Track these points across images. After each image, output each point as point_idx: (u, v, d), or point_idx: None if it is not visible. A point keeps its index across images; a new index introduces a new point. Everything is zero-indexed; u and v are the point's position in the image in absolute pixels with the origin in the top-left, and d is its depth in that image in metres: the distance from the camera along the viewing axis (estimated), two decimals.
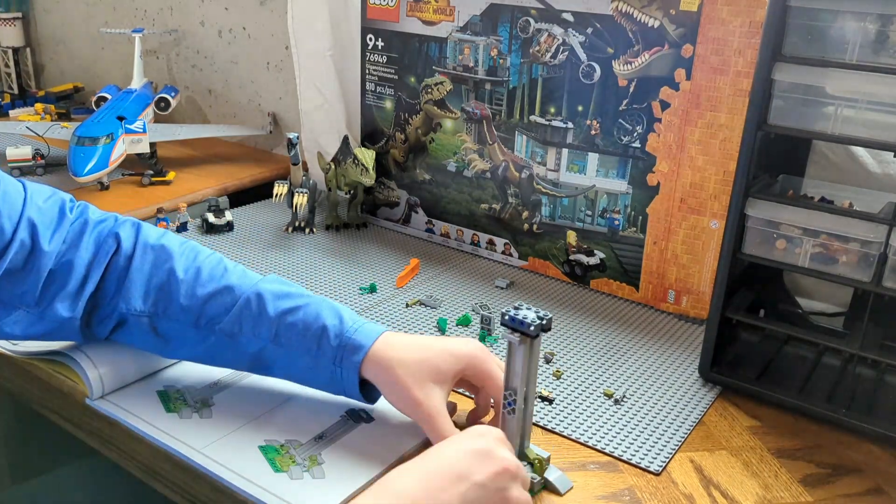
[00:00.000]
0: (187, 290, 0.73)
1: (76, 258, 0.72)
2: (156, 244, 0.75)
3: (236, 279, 0.74)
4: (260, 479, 0.66)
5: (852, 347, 0.79)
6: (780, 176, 0.87)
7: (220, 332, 0.72)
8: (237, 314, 0.72)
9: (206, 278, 0.73)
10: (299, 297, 0.73)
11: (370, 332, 0.71)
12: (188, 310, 0.72)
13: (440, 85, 1.17)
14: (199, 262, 0.75)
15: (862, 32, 0.70)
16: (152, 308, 0.73)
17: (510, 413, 0.66)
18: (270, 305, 0.71)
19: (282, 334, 0.71)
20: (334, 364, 0.70)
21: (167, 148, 1.53)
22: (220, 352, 0.73)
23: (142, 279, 0.73)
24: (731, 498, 0.69)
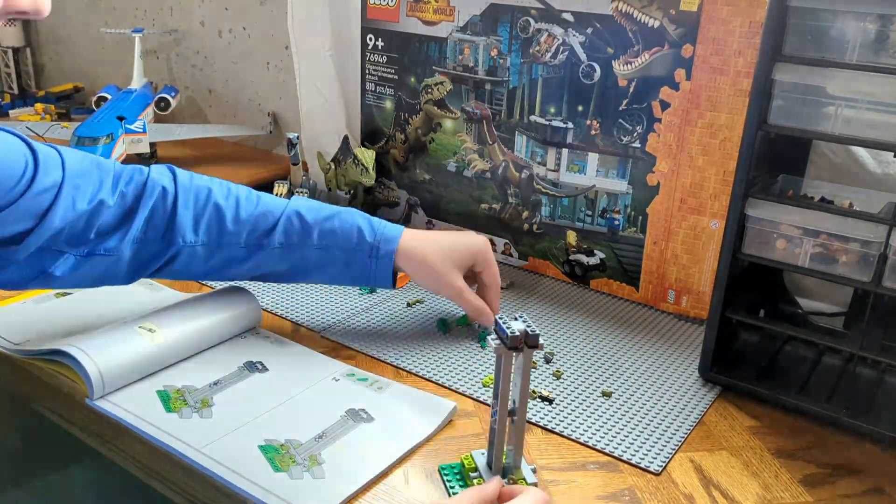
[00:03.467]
0: (232, 217, 0.83)
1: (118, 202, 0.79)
2: (192, 185, 0.84)
3: (272, 203, 0.86)
4: (260, 478, 0.66)
5: (852, 347, 0.79)
6: (780, 176, 0.87)
7: (268, 245, 0.84)
8: (283, 229, 0.84)
9: (245, 204, 0.84)
10: (329, 208, 0.87)
11: (395, 228, 0.87)
12: (236, 233, 0.83)
13: (440, 85, 1.17)
14: (236, 192, 0.85)
15: (862, 32, 0.70)
16: (205, 237, 0.83)
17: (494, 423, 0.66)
18: (309, 217, 0.85)
19: (323, 237, 0.85)
20: (370, 257, 0.85)
21: (167, 148, 1.53)
22: (266, 263, 0.85)
23: (188, 215, 0.82)
24: (731, 498, 0.69)
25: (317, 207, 0.86)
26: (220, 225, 0.83)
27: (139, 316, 0.83)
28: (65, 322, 0.86)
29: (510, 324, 0.62)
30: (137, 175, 0.82)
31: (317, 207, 0.86)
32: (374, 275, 0.86)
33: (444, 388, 0.82)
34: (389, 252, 0.85)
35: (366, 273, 0.86)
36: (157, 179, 0.82)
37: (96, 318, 0.85)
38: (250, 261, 0.84)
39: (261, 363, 0.84)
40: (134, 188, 0.80)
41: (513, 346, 0.62)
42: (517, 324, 0.62)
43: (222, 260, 0.84)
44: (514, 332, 0.61)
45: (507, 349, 0.62)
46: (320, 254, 0.85)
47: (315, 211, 0.85)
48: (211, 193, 0.83)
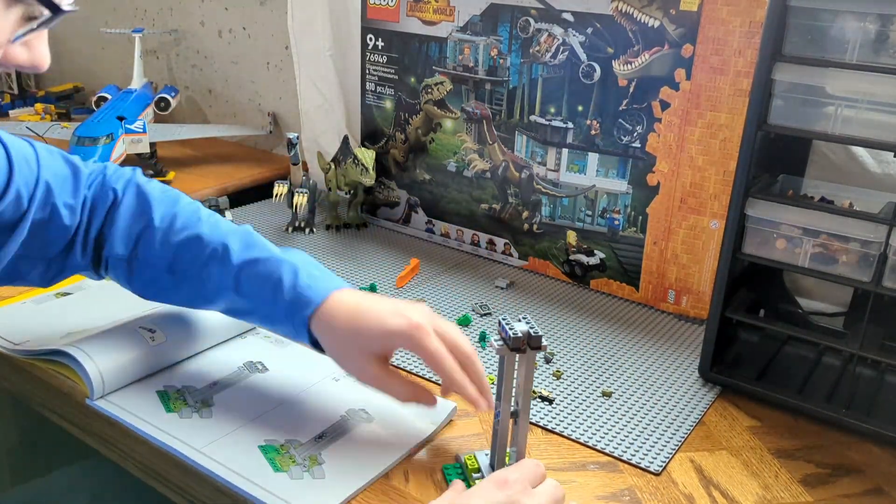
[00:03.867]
0: (162, 238, 0.76)
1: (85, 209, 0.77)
2: (140, 191, 0.79)
3: (207, 229, 0.76)
4: (260, 478, 0.66)
5: (852, 347, 0.79)
6: (780, 176, 0.87)
7: (193, 277, 0.75)
8: (204, 262, 0.75)
9: (180, 226, 0.76)
10: (263, 250, 0.75)
11: (323, 288, 0.72)
12: (161, 256, 0.76)
13: (440, 85, 1.17)
14: (176, 211, 0.78)
15: (862, 32, 0.70)
16: (132, 253, 0.77)
17: (497, 424, 0.66)
18: (235, 256, 0.74)
19: (243, 284, 0.73)
20: (286, 317, 0.72)
21: (167, 148, 1.53)
22: (193, 297, 0.77)
23: (124, 226, 0.77)
24: (731, 498, 0.69)
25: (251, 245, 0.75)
26: (148, 243, 0.76)
27: (139, 316, 0.83)
28: (65, 322, 0.86)
29: (513, 325, 0.62)
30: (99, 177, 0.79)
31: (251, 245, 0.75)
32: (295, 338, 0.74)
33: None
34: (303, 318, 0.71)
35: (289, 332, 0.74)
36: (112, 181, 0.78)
37: (96, 319, 0.85)
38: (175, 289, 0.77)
39: (261, 363, 0.84)
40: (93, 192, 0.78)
41: (515, 347, 0.62)
42: (520, 325, 0.62)
43: (147, 280, 0.78)
44: (517, 333, 0.61)
45: (510, 350, 0.62)
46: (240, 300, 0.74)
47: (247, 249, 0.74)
48: (150, 206, 0.77)
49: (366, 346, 0.69)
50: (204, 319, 0.85)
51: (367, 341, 0.69)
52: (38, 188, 0.73)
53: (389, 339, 0.69)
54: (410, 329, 0.68)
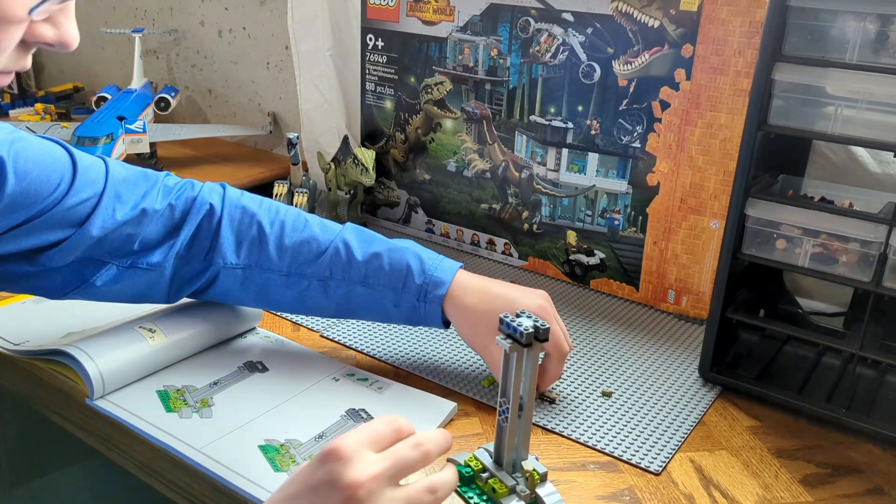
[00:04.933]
0: (276, 242, 0.79)
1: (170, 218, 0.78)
2: (239, 204, 0.81)
3: (319, 230, 0.81)
4: (260, 478, 0.66)
5: (852, 347, 0.79)
6: (780, 176, 0.87)
7: (312, 277, 0.79)
8: (328, 261, 0.79)
9: (290, 230, 0.80)
10: (381, 242, 0.81)
11: (448, 270, 0.79)
12: (278, 260, 0.79)
13: (440, 85, 1.17)
14: (283, 216, 0.81)
15: (862, 32, 0.70)
16: (246, 260, 0.79)
17: (504, 421, 0.65)
18: (358, 251, 0.79)
19: (370, 276, 0.79)
20: (418, 300, 0.78)
21: (167, 148, 1.53)
22: (309, 296, 0.80)
23: (232, 235, 0.79)
24: (731, 498, 0.69)
25: (368, 240, 0.81)
26: (261, 250, 0.79)
27: (139, 316, 0.83)
28: (65, 322, 0.86)
29: (519, 321, 0.62)
30: (189, 189, 0.80)
31: (368, 240, 0.81)
32: (424, 317, 0.80)
33: (444, 388, 0.82)
34: (438, 297, 0.78)
35: (416, 315, 0.80)
36: (207, 196, 0.79)
37: (96, 319, 0.85)
38: (292, 290, 0.80)
39: (261, 363, 0.84)
40: (183, 202, 0.78)
41: (527, 343, 0.61)
42: (525, 320, 0.62)
43: (263, 287, 0.80)
44: (527, 328, 0.61)
45: (522, 347, 0.62)
46: (367, 292, 0.79)
47: (366, 244, 0.80)
48: (256, 215, 0.80)
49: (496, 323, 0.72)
50: (204, 319, 0.85)
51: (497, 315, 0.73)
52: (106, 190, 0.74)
53: None
54: (543, 307, 0.78)
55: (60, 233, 0.72)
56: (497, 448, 0.67)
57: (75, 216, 0.72)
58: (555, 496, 0.65)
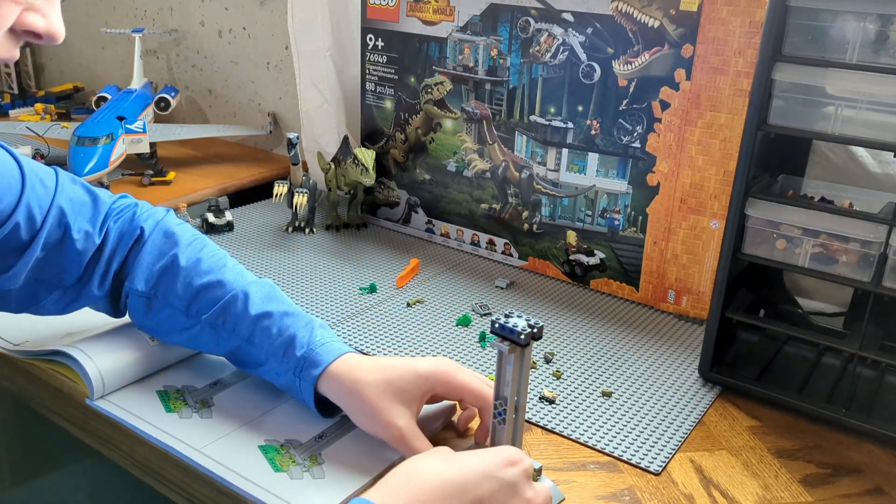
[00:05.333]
0: (185, 279, 0.76)
1: (107, 241, 0.77)
2: (168, 231, 0.79)
3: (231, 276, 0.77)
4: (260, 478, 0.66)
5: (852, 347, 0.79)
6: (780, 176, 0.87)
7: (206, 322, 0.75)
8: (222, 308, 0.74)
9: (205, 270, 0.77)
10: (283, 304, 0.75)
11: (333, 349, 0.72)
12: (181, 297, 0.76)
13: (440, 85, 1.17)
14: (202, 255, 0.78)
15: (862, 32, 0.70)
16: (152, 290, 0.77)
17: (500, 423, 0.65)
18: (253, 306, 0.74)
19: (255, 335, 0.73)
20: (294, 374, 0.72)
21: (167, 148, 1.53)
22: (202, 341, 0.77)
23: (149, 262, 0.77)
24: (731, 498, 0.69)
25: (270, 298, 0.75)
26: (170, 283, 0.76)
27: None
28: (65, 322, 0.86)
29: (513, 321, 0.62)
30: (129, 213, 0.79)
31: (270, 298, 0.75)
32: (300, 395, 0.72)
33: None
34: (312, 376, 0.70)
35: (293, 390, 0.73)
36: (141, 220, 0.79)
37: (96, 319, 0.85)
38: (188, 331, 0.76)
39: None
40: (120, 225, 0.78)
41: (526, 343, 0.61)
42: (518, 320, 0.62)
43: (163, 319, 0.77)
44: (524, 329, 0.61)
45: (522, 346, 0.62)
46: (252, 351, 0.74)
47: (265, 301, 0.74)
48: (178, 245, 0.77)
49: (401, 389, 0.68)
50: None
51: (404, 383, 0.68)
52: (52, 209, 0.73)
53: (421, 381, 0.69)
54: (447, 364, 0.71)
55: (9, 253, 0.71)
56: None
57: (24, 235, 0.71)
58: (555, 490, 0.66)
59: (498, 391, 0.65)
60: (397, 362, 0.71)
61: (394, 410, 0.67)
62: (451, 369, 0.70)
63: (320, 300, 1.01)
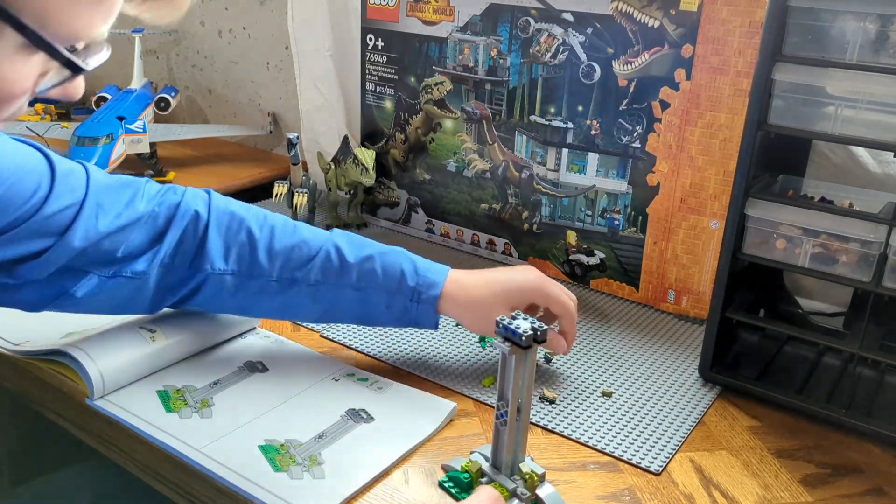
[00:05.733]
0: (266, 246, 0.78)
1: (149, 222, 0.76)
2: (227, 210, 0.80)
3: (309, 234, 0.80)
4: (260, 478, 0.66)
5: (852, 347, 0.79)
6: (780, 176, 0.87)
7: (303, 282, 0.78)
8: (320, 265, 0.78)
9: (280, 234, 0.79)
10: (371, 245, 0.81)
11: (439, 271, 0.81)
12: (268, 265, 0.78)
13: (440, 85, 1.17)
14: (272, 221, 0.80)
15: (862, 32, 0.70)
16: (235, 266, 0.78)
17: (502, 424, 0.65)
18: (349, 255, 0.79)
19: (362, 279, 0.79)
20: (410, 301, 0.79)
21: (167, 148, 1.53)
22: (298, 301, 0.79)
23: (220, 241, 0.78)
24: (731, 498, 0.69)
25: (358, 244, 0.81)
26: (251, 255, 0.78)
27: (140, 316, 0.83)
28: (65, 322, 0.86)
29: (516, 324, 0.62)
30: (171, 195, 0.78)
31: (358, 244, 0.81)
32: (416, 318, 0.80)
33: (443, 388, 0.82)
34: (432, 297, 0.79)
35: (407, 316, 0.80)
36: (191, 202, 0.78)
37: (97, 319, 0.85)
38: (281, 296, 0.79)
39: (261, 363, 0.84)
40: (166, 209, 0.77)
41: (527, 345, 0.61)
42: (522, 322, 0.62)
43: (252, 293, 0.78)
44: (527, 331, 0.61)
45: (523, 349, 0.61)
46: (358, 295, 0.79)
47: (357, 248, 0.80)
48: (244, 221, 0.79)
49: (508, 297, 0.79)
50: (204, 319, 0.85)
51: (510, 293, 0.79)
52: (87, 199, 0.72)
53: (522, 293, 0.80)
54: (539, 278, 0.82)
55: (40, 243, 0.70)
56: (494, 451, 0.67)
57: (55, 225, 0.70)
58: (555, 496, 0.65)
59: (500, 392, 0.65)
60: (498, 276, 0.82)
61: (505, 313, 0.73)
62: (543, 281, 0.81)
63: None
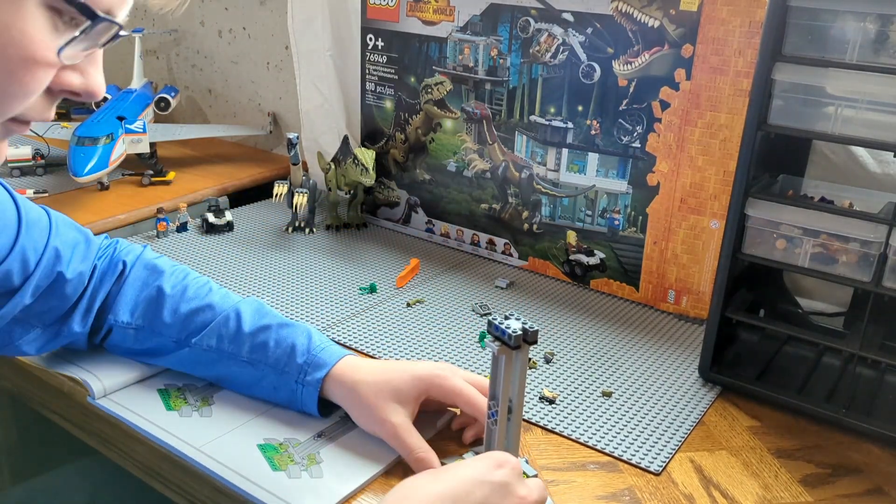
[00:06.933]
0: (172, 306, 0.77)
1: (90, 280, 0.77)
2: (149, 263, 0.80)
3: (218, 298, 0.78)
4: (258, 477, 0.66)
5: (852, 347, 0.79)
6: (780, 176, 0.87)
7: (197, 345, 0.76)
8: (215, 329, 0.75)
9: (191, 296, 0.78)
10: (274, 318, 0.76)
11: (334, 352, 0.74)
12: (170, 325, 0.76)
13: (440, 85, 1.17)
14: (187, 282, 0.79)
15: (862, 32, 0.70)
16: (139, 321, 0.77)
17: (493, 424, 0.65)
18: (247, 323, 0.75)
19: (254, 351, 0.74)
20: (296, 382, 0.73)
21: (167, 148, 1.53)
22: (193, 365, 0.77)
23: (132, 293, 0.78)
24: (731, 498, 0.69)
25: (261, 314, 0.76)
26: (156, 313, 0.77)
27: None
28: None
29: (507, 323, 0.62)
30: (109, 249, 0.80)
31: (261, 314, 0.76)
32: (301, 401, 0.73)
33: None
34: (316, 379, 0.72)
35: (293, 398, 0.74)
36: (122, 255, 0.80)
37: None
38: (176, 356, 0.77)
39: None
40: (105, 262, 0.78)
41: (516, 345, 0.61)
42: (514, 322, 0.62)
43: (150, 348, 0.78)
44: (516, 331, 0.61)
45: (511, 349, 0.62)
46: (248, 369, 0.74)
47: (258, 316, 0.76)
48: (161, 276, 0.79)
49: (396, 390, 0.70)
50: None
51: (399, 384, 0.70)
52: (46, 252, 0.72)
53: (417, 383, 0.71)
54: (443, 369, 0.72)
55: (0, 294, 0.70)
56: (487, 450, 0.67)
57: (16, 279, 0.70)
58: None
59: (491, 391, 0.65)
60: (396, 365, 0.73)
61: (389, 408, 0.69)
62: (446, 374, 0.71)
63: (320, 300, 1.01)
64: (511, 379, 0.63)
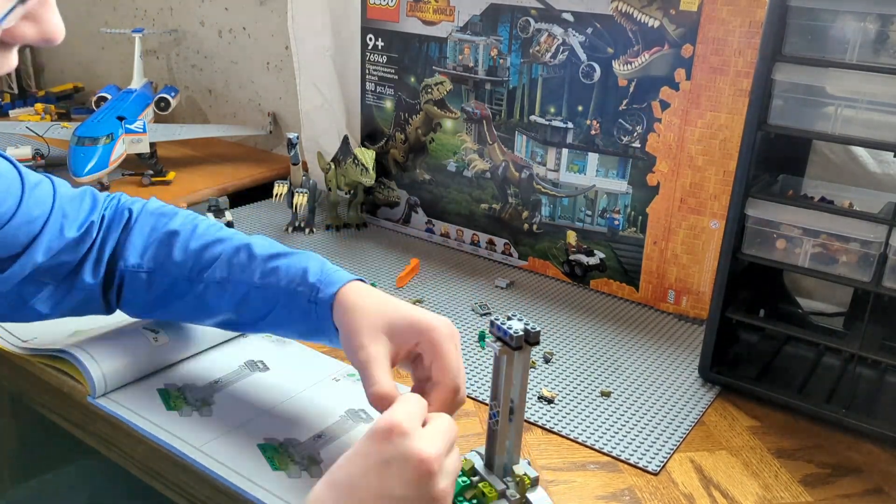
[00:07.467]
0: (182, 244, 0.76)
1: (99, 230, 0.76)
2: (157, 209, 0.79)
3: (227, 234, 0.78)
4: (258, 477, 0.66)
5: (852, 347, 0.79)
6: (780, 176, 0.87)
7: (210, 279, 0.74)
8: (226, 260, 0.75)
9: (201, 233, 0.77)
10: (286, 248, 0.76)
11: (346, 276, 0.72)
12: (181, 263, 0.75)
13: (440, 85, 1.17)
14: (197, 222, 0.79)
15: (862, 32, 0.70)
16: (150, 263, 0.76)
17: (494, 424, 0.65)
18: (258, 251, 0.74)
19: (267, 275, 0.73)
20: (309, 301, 0.70)
21: (167, 148, 1.53)
22: (206, 302, 0.75)
23: (141, 238, 0.77)
24: (731, 498, 0.69)
25: (270, 244, 0.76)
26: (167, 252, 0.76)
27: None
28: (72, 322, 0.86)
29: (509, 324, 0.62)
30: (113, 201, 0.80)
31: (270, 244, 0.76)
32: (316, 322, 0.71)
33: None
34: (329, 295, 0.69)
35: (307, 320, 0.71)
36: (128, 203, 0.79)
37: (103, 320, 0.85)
38: (190, 295, 0.75)
39: (261, 362, 0.84)
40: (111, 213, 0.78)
41: (517, 346, 0.61)
42: (516, 323, 0.62)
43: (163, 291, 0.76)
44: (517, 331, 0.61)
45: (512, 350, 0.62)
46: (262, 294, 0.73)
47: (267, 248, 0.75)
48: (170, 221, 0.78)
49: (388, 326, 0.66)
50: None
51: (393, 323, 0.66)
52: (53, 212, 0.73)
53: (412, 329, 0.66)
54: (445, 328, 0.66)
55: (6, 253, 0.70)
56: (488, 451, 0.67)
57: (22, 237, 0.71)
58: (545, 501, 0.64)
59: (492, 392, 0.65)
60: (400, 304, 0.69)
61: (373, 337, 0.65)
62: (442, 334, 0.66)
63: None
64: (513, 380, 0.63)
